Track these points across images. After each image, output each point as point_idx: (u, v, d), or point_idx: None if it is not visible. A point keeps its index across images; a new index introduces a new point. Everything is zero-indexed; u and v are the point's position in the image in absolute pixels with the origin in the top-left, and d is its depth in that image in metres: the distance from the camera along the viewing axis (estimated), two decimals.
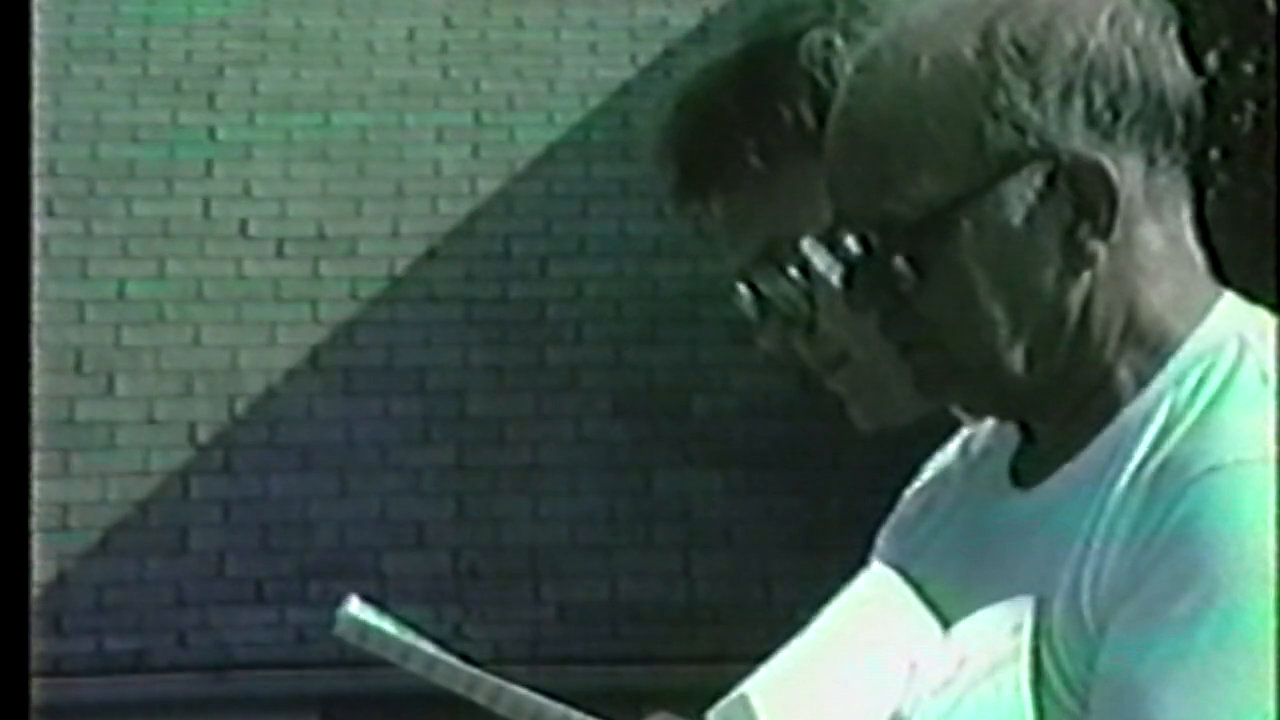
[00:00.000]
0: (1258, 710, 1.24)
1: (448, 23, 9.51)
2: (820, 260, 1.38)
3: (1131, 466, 1.30)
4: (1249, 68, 4.98)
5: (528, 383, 8.71)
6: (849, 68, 1.37)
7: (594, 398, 8.70)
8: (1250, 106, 5.02)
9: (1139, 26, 1.33)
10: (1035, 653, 1.28)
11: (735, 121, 1.53)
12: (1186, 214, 1.36)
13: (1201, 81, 1.40)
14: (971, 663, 1.29)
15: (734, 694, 1.28)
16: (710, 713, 1.28)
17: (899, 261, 1.31)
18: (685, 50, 8.92)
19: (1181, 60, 1.34)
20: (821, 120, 1.44)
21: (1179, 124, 1.34)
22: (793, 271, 1.52)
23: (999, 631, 1.29)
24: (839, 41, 1.50)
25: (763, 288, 1.54)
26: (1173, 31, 1.34)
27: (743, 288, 1.54)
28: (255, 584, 8.18)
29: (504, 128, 9.22)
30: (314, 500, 8.40)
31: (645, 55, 9.25)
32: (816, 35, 1.51)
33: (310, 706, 8.04)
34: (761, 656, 1.31)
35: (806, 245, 1.41)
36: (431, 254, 8.96)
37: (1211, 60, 4.85)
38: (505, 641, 8.16)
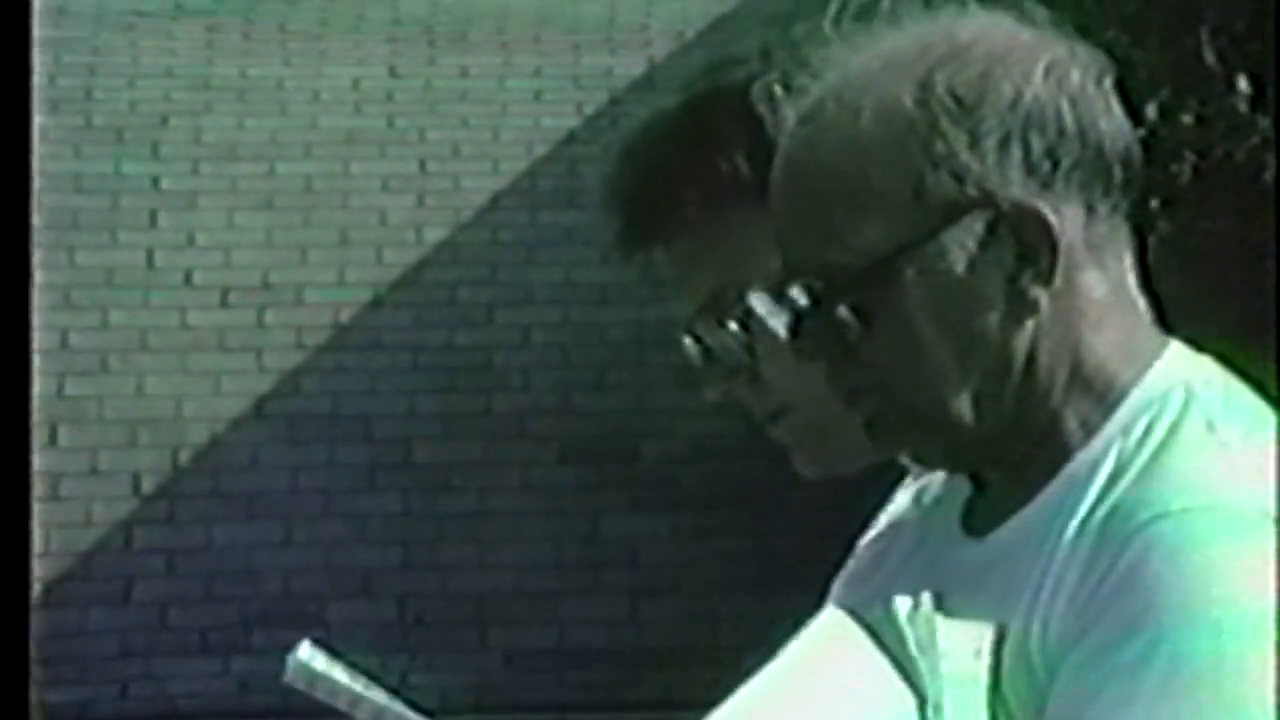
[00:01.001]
0: None
1: (393, 72, 9.53)
2: (766, 310, 1.40)
3: (1080, 515, 1.31)
4: (1188, 119, 5.03)
5: (475, 430, 8.70)
6: (791, 120, 1.39)
7: (541, 444, 8.69)
8: (1190, 157, 5.06)
9: (1075, 77, 1.35)
10: (994, 681, 1.29)
11: (675, 173, 1.55)
12: (1129, 262, 1.37)
13: (1140, 131, 1.43)
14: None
15: None
16: None
17: (843, 311, 1.33)
18: (630, 98, 8.96)
19: (1118, 110, 1.37)
20: (759, 172, 1.47)
21: (1117, 172, 1.35)
22: (733, 324, 1.52)
23: (962, 650, 1.29)
24: (779, 93, 1.51)
25: (705, 338, 1.55)
26: (1108, 82, 1.37)
27: (686, 337, 1.55)
28: (199, 633, 8.13)
29: (450, 176, 9.24)
30: (258, 549, 8.37)
31: (590, 104, 9.28)
32: (757, 88, 1.52)
33: None
34: (710, 701, 1.32)
35: (753, 296, 1.43)
36: (377, 302, 8.96)
37: (1151, 111, 4.90)
38: (452, 689, 8.13)
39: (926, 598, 1.29)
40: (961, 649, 1.29)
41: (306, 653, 1.39)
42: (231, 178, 9.13)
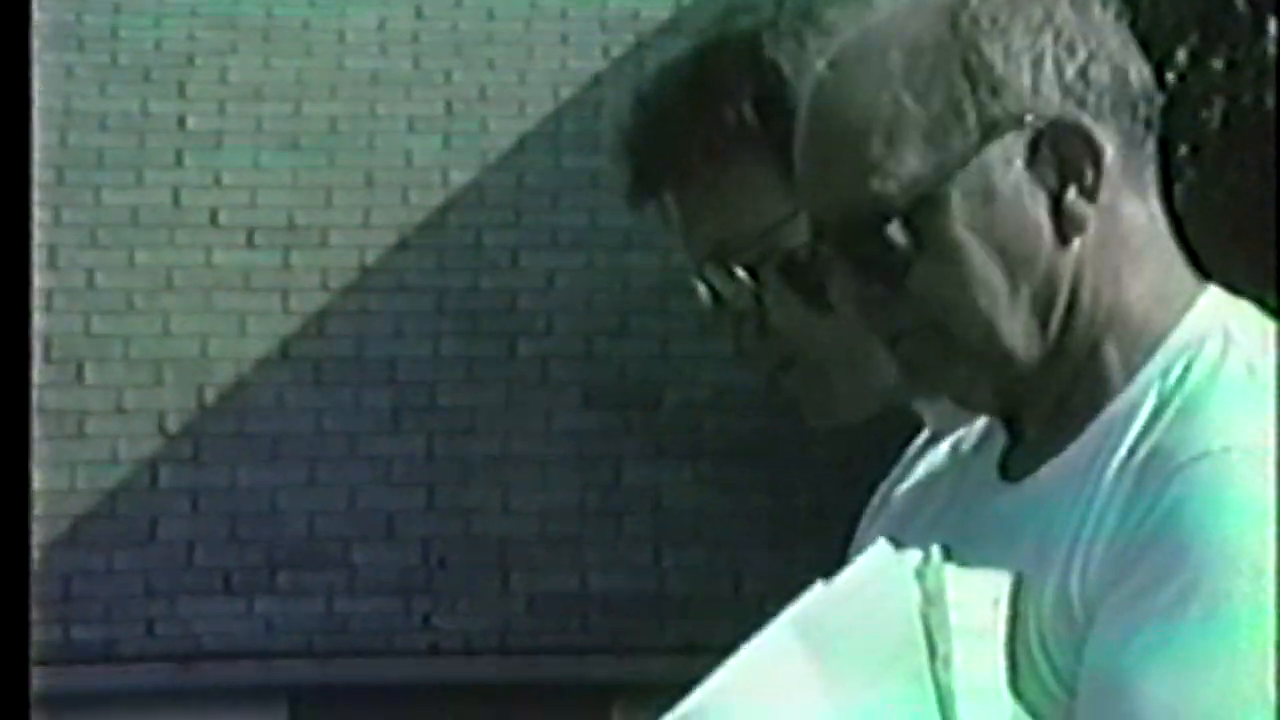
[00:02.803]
0: (1241, 697, 1.24)
1: (419, 13, 9.50)
2: (777, 265, 1.39)
3: (1119, 458, 1.31)
4: (1217, 64, 4.99)
5: (498, 374, 8.71)
6: (817, 65, 1.37)
7: (565, 390, 8.70)
8: (1219, 103, 5.03)
9: (1096, 10, 1.34)
10: (1011, 629, 1.28)
11: (683, 122, 1.54)
12: (1159, 203, 1.37)
13: (1170, 77, 1.42)
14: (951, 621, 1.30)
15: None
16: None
17: (898, 239, 1.32)
18: (656, 42, 8.93)
19: (1137, 49, 1.35)
20: (766, 121, 1.47)
21: (1143, 107, 1.35)
22: (740, 272, 1.51)
23: (978, 601, 1.29)
24: (789, 44, 1.50)
25: (716, 285, 1.55)
26: (1126, 21, 1.35)
27: (700, 285, 1.55)
28: (223, 574, 8.17)
29: (475, 118, 9.22)
30: (282, 491, 8.39)
31: (617, 47, 9.25)
32: (766, 36, 1.51)
33: (278, 697, 8.03)
34: (729, 648, 1.32)
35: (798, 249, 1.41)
36: (402, 245, 8.96)
37: (1181, 56, 4.87)
38: (474, 632, 8.15)
39: (936, 550, 1.29)
40: (978, 599, 1.29)
41: None
42: (257, 118, 9.12)
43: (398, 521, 8.40)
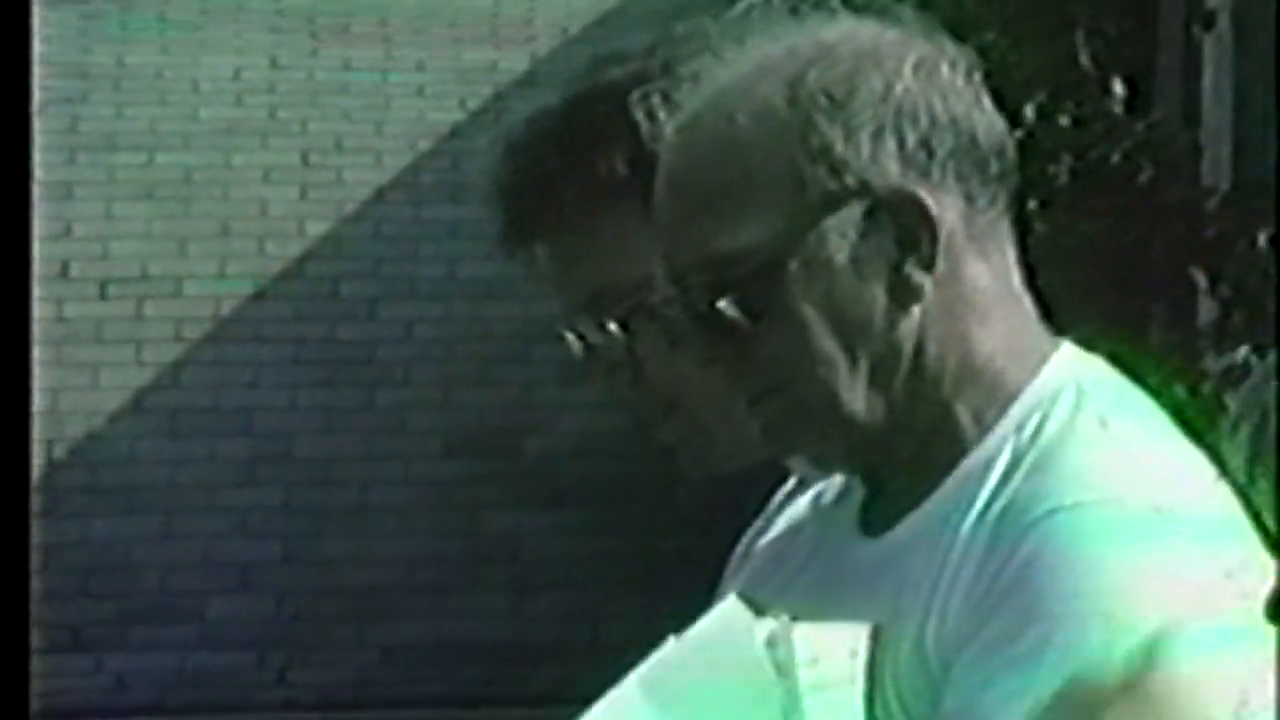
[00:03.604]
0: None
1: (274, 63, 9.45)
2: (667, 309, 1.40)
3: (975, 511, 1.32)
4: (1065, 120, 5.09)
5: (356, 424, 8.65)
6: (669, 131, 1.39)
7: (423, 439, 8.66)
8: (1067, 158, 5.12)
9: (944, 71, 1.37)
10: (869, 680, 1.29)
11: (556, 172, 1.55)
12: (1012, 258, 1.38)
13: (1019, 132, 1.45)
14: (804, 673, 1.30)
15: None
16: None
17: (731, 307, 1.33)
18: (514, 93, 8.94)
19: (990, 105, 1.37)
20: (640, 172, 1.48)
21: (993, 165, 1.37)
22: (612, 323, 1.52)
23: (835, 655, 1.30)
24: (657, 104, 1.51)
25: (587, 335, 1.54)
26: (978, 78, 1.38)
27: (569, 335, 1.55)
28: (73, 630, 8.04)
29: (332, 169, 9.18)
30: (137, 543, 8.28)
31: (474, 98, 9.25)
32: (635, 99, 1.52)
33: None
34: (589, 698, 1.32)
35: (657, 299, 1.43)
36: (259, 295, 8.89)
37: (1029, 112, 4.95)
38: (331, 685, 8.08)
39: (785, 620, 1.30)
40: (836, 651, 1.30)
41: None
42: (110, 167, 9.02)
43: (253, 573, 8.32)
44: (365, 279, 8.92)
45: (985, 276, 1.36)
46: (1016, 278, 1.38)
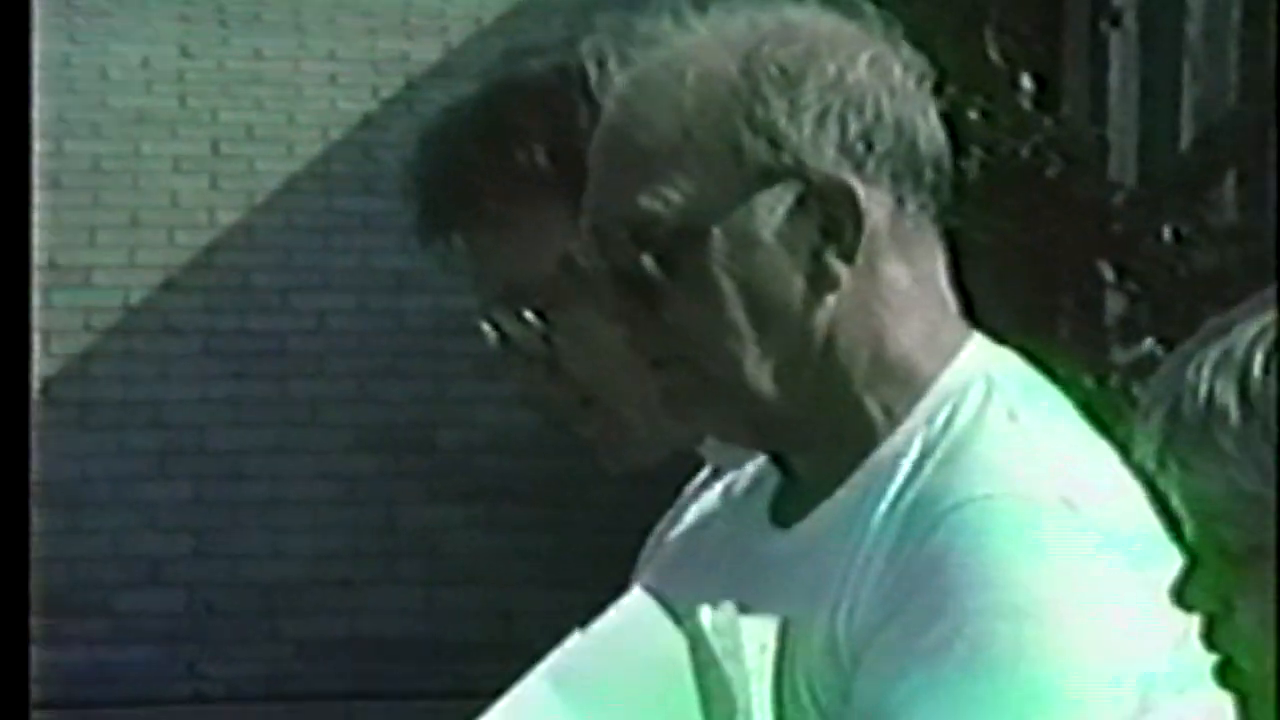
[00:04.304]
0: None
1: (185, 51, 9.38)
2: (585, 261, 1.41)
3: (885, 503, 1.32)
4: (974, 114, 5.13)
5: (268, 417, 8.60)
6: (619, 84, 1.39)
7: (336, 432, 8.61)
8: (976, 152, 5.16)
9: (896, 72, 1.38)
10: (778, 672, 1.29)
11: (473, 164, 1.54)
12: (939, 260, 1.39)
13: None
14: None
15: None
16: None
17: (650, 263, 1.32)
18: (426, 84, 8.91)
19: (934, 115, 1.38)
20: (559, 164, 1.49)
21: (929, 173, 1.38)
22: (530, 314, 1.50)
23: (747, 647, 1.30)
24: (609, 49, 1.51)
25: (504, 326, 1.54)
26: (928, 85, 1.38)
27: (487, 327, 1.55)
28: None
29: (243, 159, 9.12)
30: (45, 537, 8.20)
31: (387, 88, 9.21)
32: (558, 80, 1.52)
33: None
34: (501, 692, 1.31)
35: (575, 247, 1.43)
36: (169, 285, 8.82)
37: (940, 105, 4.98)
38: (242, 679, 8.03)
39: (728, 605, 1.30)
40: (746, 644, 1.29)
41: None
42: None
43: (164, 567, 8.26)
44: (277, 270, 8.87)
45: (905, 278, 1.36)
46: (942, 281, 1.39)
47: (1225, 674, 1.15)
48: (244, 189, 9.02)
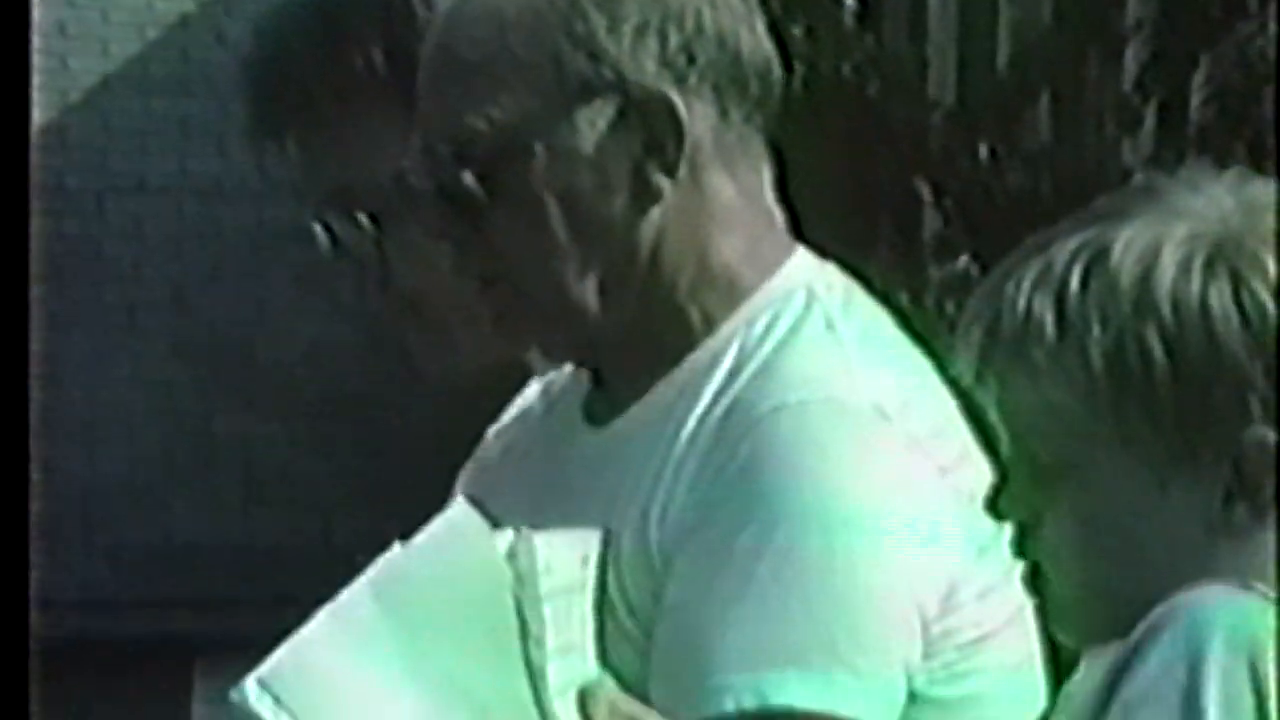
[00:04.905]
0: (814, 645, 1.28)
1: None
2: (398, 195, 1.39)
3: (701, 406, 1.33)
4: (796, 31, 5.15)
5: (83, 323, 8.47)
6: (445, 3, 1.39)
7: (153, 339, 8.51)
8: (799, 69, 5.18)
9: None
10: (600, 584, 1.30)
11: (308, 65, 1.53)
12: (766, 174, 1.40)
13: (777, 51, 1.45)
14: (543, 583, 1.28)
15: None
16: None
17: (470, 179, 1.32)
18: None
19: (761, 28, 1.38)
20: (395, 67, 1.47)
21: (754, 85, 1.38)
22: (362, 217, 1.50)
23: (568, 561, 1.30)
24: None
25: (335, 229, 1.54)
26: (754, 1, 1.39)
27: (318, 230, 1.54)
28: None
29: (56, 57, 8.92)
30: None
31: None
32: None
33: None
34: (318, 602, 1.30)
35: (404, 162, 1.42)
36: None
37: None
38: (54, 586, 7.94)
39: (526, 531, 1.31)
40: (567, 558, 1.30)
41: (254, 694, 1.24)
42: None
43: None
44: (92, 173, 8.71)
45: (729, 190, 1.37)
46: (769, 194, 1.39)
47: (1032, 582, 1.18)
48: (57, 87, 8.83)
